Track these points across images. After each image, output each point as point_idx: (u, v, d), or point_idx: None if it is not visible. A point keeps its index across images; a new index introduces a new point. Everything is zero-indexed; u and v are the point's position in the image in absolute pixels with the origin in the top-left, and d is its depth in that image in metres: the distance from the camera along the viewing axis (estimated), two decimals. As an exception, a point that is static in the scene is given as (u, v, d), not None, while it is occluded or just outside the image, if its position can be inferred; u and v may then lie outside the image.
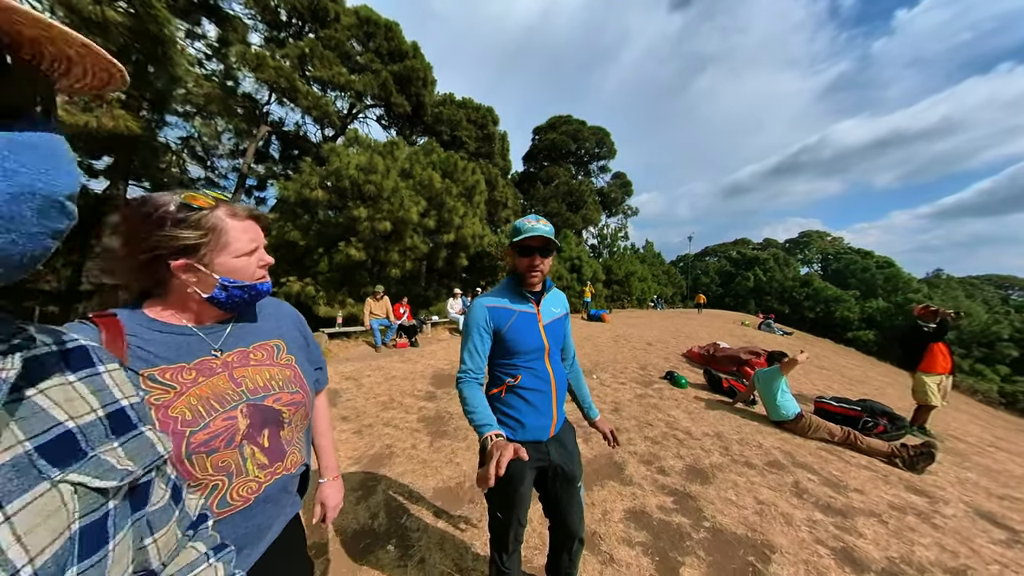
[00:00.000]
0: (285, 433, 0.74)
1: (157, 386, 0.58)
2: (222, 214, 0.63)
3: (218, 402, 0.63)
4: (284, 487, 0.74)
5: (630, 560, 1.69)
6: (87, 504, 0.30)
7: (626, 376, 5.12)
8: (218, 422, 0.62)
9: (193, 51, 10.59)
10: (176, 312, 0.65)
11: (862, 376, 7.73)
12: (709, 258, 61.42)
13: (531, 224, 1.07)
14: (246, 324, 0.74)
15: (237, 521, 0.65)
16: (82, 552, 0.29)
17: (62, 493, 0.28)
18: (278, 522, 0.75)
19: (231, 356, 0.69)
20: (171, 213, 0.57)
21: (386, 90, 14.13)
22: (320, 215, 8.95)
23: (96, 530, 0.30)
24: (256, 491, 0.67)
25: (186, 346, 0.64)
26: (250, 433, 0.66)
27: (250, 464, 0.67)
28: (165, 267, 0.59)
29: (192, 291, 0.62)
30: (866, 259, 38.06)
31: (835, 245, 53.92)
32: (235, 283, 0.64)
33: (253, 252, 0.67)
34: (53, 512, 0.27)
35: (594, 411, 1.37)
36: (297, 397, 0.75)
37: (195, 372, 0.63)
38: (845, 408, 3.74)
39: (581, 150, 29.55)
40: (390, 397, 3.84)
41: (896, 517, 2.18)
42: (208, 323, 0.68)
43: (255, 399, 0.68)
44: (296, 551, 0.86)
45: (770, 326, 14.18)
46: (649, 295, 24.56)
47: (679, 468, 2.59)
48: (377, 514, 1.95)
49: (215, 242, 0.61)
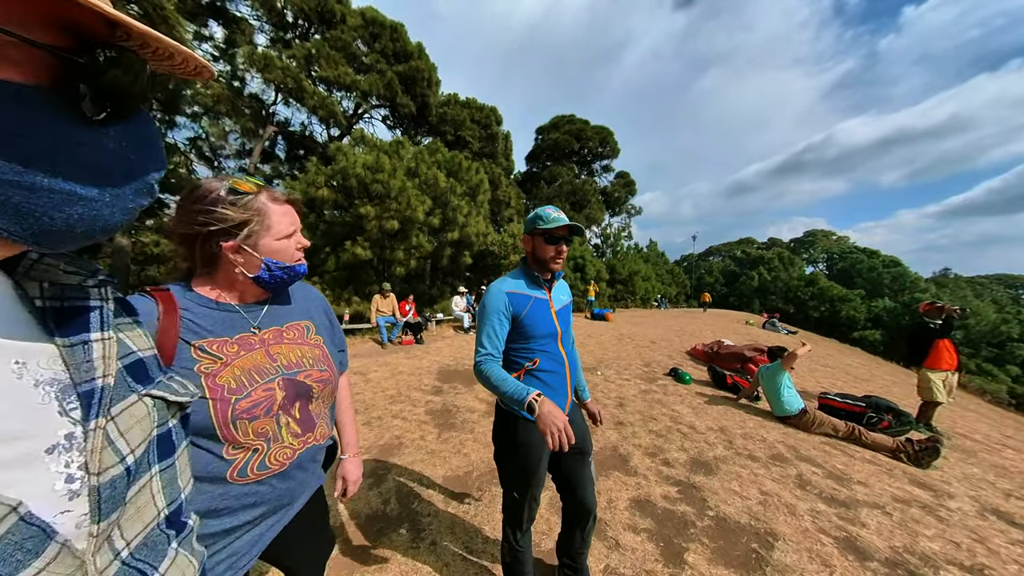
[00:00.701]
0: (314, 407, 0.79)
1: (207, 356, 0.64)
2: (265, 198, 0.68)
3: (258, 374, 0.69)
4: (313, 456, 0.80)
5: (635, 545, 1.73)
6: (160, 417, 0.37)
7: (630, 373, 5.15)
8: (259, 392, 0.67)
9: (201, 53, 10.73)
10: (221, 290, 0.71)
11: (867, 375, 7.69)
12: (713, 257, 61.11)
13: (556, 214, 1.14)
14: (280, 305, 0.80)
15: (274, 483, 0.71)
16: (160, 454, 0.36)
17: (146, 405, 0.35)
18: (308, 489, 0.80)
19: (267, 334, 0.74)
20: (221, 196, 0.63)
21: (391, 90, 14.22)
22: (326, 214, 9.05)
23: (166, 440, 0.37)
24: (291, 457, 0.73)
25: (229, 322, 0.69)
26: (285, 404, 0.72)
27: (285, 432, 0.72)
28: (216, 248, 0.65)
29: (239, 271, 0.68)
30: (872, 258, 37.68)
31: (841, 244, 53.40)
32: (277, 264, 0.70)
33: (292, 235, 0.72)
34: (141, 418, 0.34)
35: (586, 394, 1.46)
36: (325, 375, 0.80)
37: (237, 346, 0.68)
38: (849, 404, 3.75)
39: (584, 149, 29.51)
40: (397, 391, 3.91)
41: (900, 509, 2.20)
42: (248, 302, 0.74)
43: (289, 374, 0.73)
44: (321, 520, 0.92)
45: (775, 325, 14.12)
46: (653, 294, 24.50)
47: (683, 460, 2.62)
48: (389, 500, 2.01)
49: (260, 224, 0.67)
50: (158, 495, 0.35)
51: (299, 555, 0.86)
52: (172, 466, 0.37)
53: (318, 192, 8.42)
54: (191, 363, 0.61)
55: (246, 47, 11.10)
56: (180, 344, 0.61)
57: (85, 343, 0.31)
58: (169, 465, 0.37)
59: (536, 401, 0.96)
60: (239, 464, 0.64)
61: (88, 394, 0.29)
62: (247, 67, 11.21)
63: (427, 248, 9.47)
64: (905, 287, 30.64)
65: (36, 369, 0.28)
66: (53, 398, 0.28)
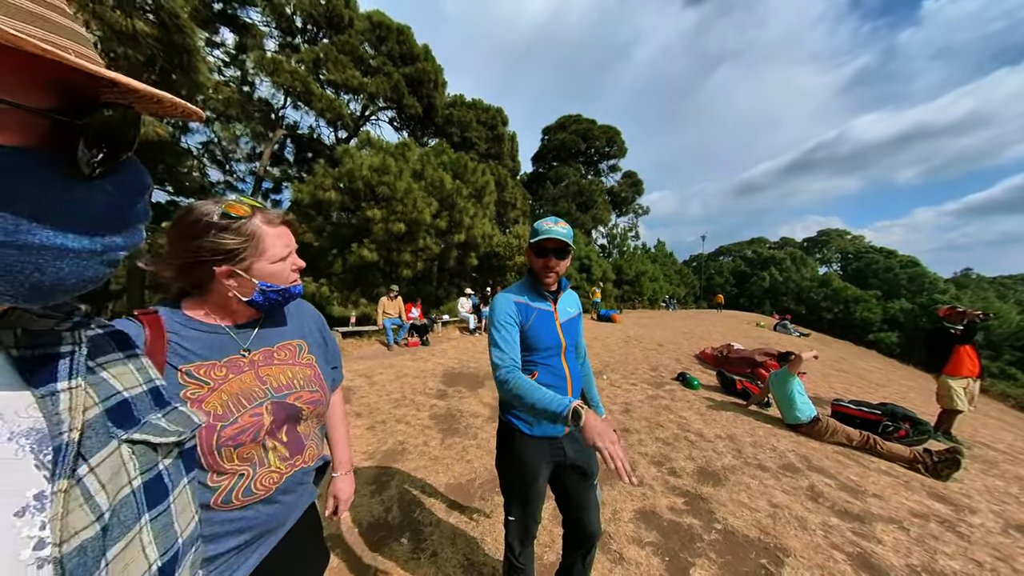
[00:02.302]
0: (303, 428, 0.78)
1: (193, 382, 0.63)
2: (259, 221, 0.67)
3: (246, 399, 0.67)
4: (301, 479, 0.78)
5: (640, 559, 1.69)
6: (145, 462, 0.35)
7: (637, 377, 5.09)
8: (245, 418, 0.66)
9: (212, 59, 10.96)
10: (212, 312, 0.70)
11: (883, 379, 7.48)
12: (723, 258, 60.18)
13: (548, 226, 1.11)
14: (273, 326, 0.79)
15: (259, 508, 0.69)
16: (149, 502, 0.34)
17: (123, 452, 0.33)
18: (296, 510, 0.79)
19: (257, 355, 0.73)
20: (215, 221, 0.62)
21: (398, 92, 14.33)
22: (334, 217, 9.15)
23: (157, 484, 0.35)
24: (277, 481, 0.71)
25: (219, 344, 0.68)
26: (272, 429, 0.70)
27: (272, 456, 0.71)
28: (208, 271, 0.64)
29: (232, 295, 0.67)
30: (889, 258, 36.66)
31: (856, 244, 52.10)
32: (272, 287, 0.69)
33: (287, 257, 0.71)
34: (121, 466, 0.32)
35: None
36: (316, 396, 0.79)
37: (225, 369, 0.67)
38: (864, 411, 3.64)
39: (591, 149, 29.34)
40: (402, 394, 3.92)
41: (918, 524, 2.12)
42: (240, 323, 0.73)
43: (278, 397, 0.72)
44: (314, 537, 0.91)
45: (786, 327, 13.83)
46: (661, 295, 24.22)
47: (690, 470, 2.57)
48: (391, 508, 2.00)
49: (254, 248, 0.66)
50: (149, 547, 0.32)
51: (292, 575, 0.85)
52: (166, 511, 0.35)
53: (325, 194, 8.51)
54: (177, 389, 0.60)
55: (256, 52, 11.30)
56: (167, 369, 0.60)
57: (53, 394, 0.29)
58: (162, 512, 0.35)
59: (582, 409, 0.85)
60: (224, 491, 0.63)
61: (56, 450, 0.28)
62: (257, 72, 11.41)
63: (434, 250, 9.51)
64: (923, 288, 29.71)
65: (13, 419, 0.27)
66: (28, 451, 0.27)
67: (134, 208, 0.29)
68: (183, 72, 6.54)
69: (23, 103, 0.22)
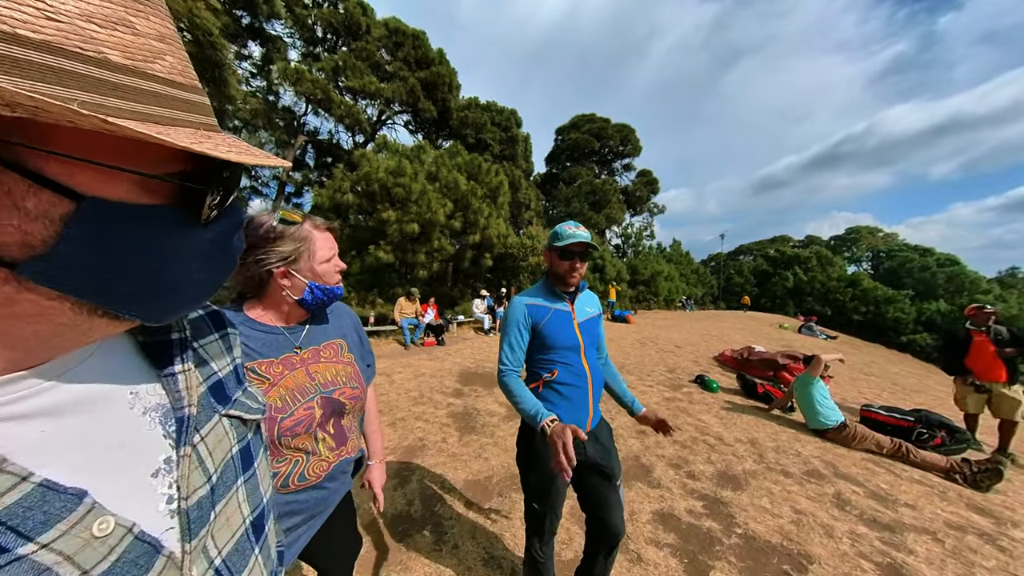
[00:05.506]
0: (346, 422, 0.85)
1: (257, 377, 0.70)
2: (308, 226, 0.74)
3: (300, 393, 0.74)
4: (344, 468, 0.85)
5: (658, 560, 1.70)
6: (238, 434, 0.41)
7: (653, 379, 5.03)
8: (300, 411, 0.73)
9: (241, 71, 11.48)
10: (269, 313, 0.77)
11: (918, 385, 7.10)
12: (743, 257, 58.22)
13: (572, 231, 1.16)
14: (318, 325, 0.86)
15: (310, 493, 0.77)
16: (243, 467, 0.40)
17: (224, 424, 0.39)
18: (338, 495, 0.86)
19: (307, 353, 0.80)
20: (274, 229, 0.69)
21: (414, 96, 14.61)
22: (351, 219, 9.43)
23: (247, 452, 0.41)
24: (326, 469, 0.78)
25: (275, 343, 0.75)
26: (322, 421, 0.77)
27: (322, 446, 0.78)
28: (267, 274, 0.71)
29: (286, 294, 0.74)
30: (924, 256, 34.64)
31: (888, 241, 49.42)
32: (319, 287, 0.76)
33: (331, 258, 0.78)
34: (223, 437, 0.38)
35: (638, 405, 1.33)
36: (356, 392, 0.86)
37: (281, 366, 0.74)
38: (896, 418, 3.48)
39: (605, 148, 29.00)
40: (420, 393, 4.01)
41: (954, 536, 2.03)
42: (292, 324, 0.80)
43: (326, 392, 0.79)
44: (350, 522, 0.98)
45: (811, 329, 13.29)
46: (677, 295, 23.69)
47: (709, 473, 2.53)
48: (413, 501, 2.08)
49: (306, 250, 0.73)
50: (243, 504, 0.39)
51: (331, 555, 0.92)
52: (253, 476, 0.41)
53: (344, 197, 8.79)
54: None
55: (280, 63, 11.77)
56: None
57: (172, 375, 0.35)
58: (251, 476, 0.41)
59: (548, 427, 0.96)
60: (282, 476, 0.70)
61: (180, 421, 0.34)
62: (281, 81, 11.87)
63: (449, 251, 9.65)
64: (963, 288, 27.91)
65: (145, 397, 0.33)
66: (158, 423, 0.33)
67: (232, 242, 0.34)
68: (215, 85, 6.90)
69: (160, 174, 0.26)
